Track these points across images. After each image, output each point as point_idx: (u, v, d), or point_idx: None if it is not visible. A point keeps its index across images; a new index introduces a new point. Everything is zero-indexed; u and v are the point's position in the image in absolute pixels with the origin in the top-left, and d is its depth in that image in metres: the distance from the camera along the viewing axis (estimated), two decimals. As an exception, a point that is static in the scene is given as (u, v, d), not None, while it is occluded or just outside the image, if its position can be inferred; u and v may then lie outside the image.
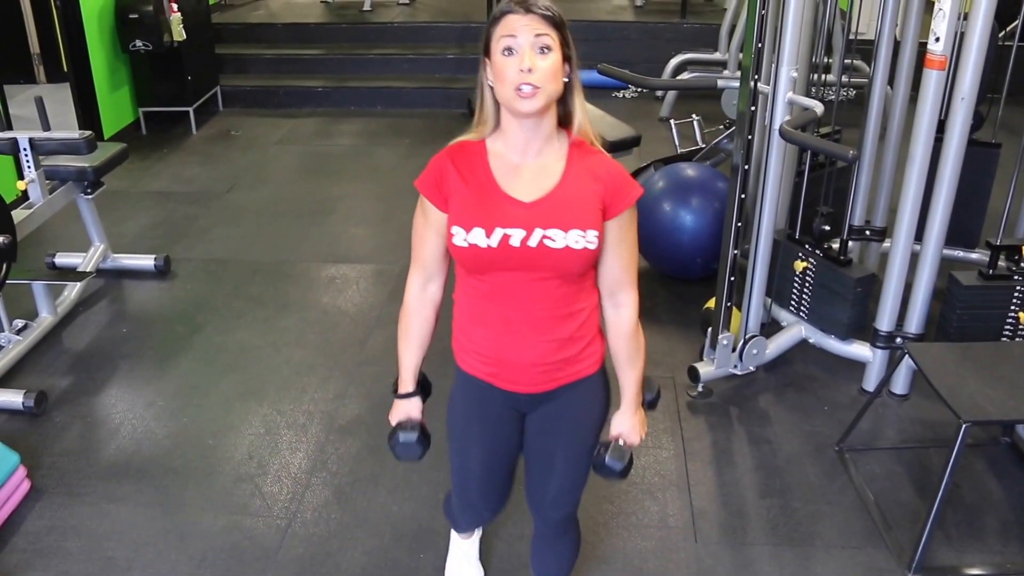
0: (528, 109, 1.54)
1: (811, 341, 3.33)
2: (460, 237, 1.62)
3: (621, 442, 1.83)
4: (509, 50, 1.53)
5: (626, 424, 1.83)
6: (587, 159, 1.65)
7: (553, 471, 1.86)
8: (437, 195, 1.65)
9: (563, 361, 1.72)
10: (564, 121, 1.65)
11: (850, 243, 3.37)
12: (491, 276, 1.65)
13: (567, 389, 1.77)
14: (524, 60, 1.51)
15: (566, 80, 1.59)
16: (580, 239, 1.60)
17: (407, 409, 1.88)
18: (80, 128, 5.17)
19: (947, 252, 3.42)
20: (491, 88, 1.60)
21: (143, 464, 2.88)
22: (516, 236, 1.59)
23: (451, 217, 1.63)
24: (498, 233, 1.59)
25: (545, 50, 1.53)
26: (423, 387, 1.90)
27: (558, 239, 1.59)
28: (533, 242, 1.60)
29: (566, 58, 1.57)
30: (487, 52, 1.58)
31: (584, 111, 1.65)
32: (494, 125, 1.64)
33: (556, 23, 1.55)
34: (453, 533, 2.42)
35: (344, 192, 5.05)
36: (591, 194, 1.62)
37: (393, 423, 1.89)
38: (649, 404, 1.91)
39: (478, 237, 1.60)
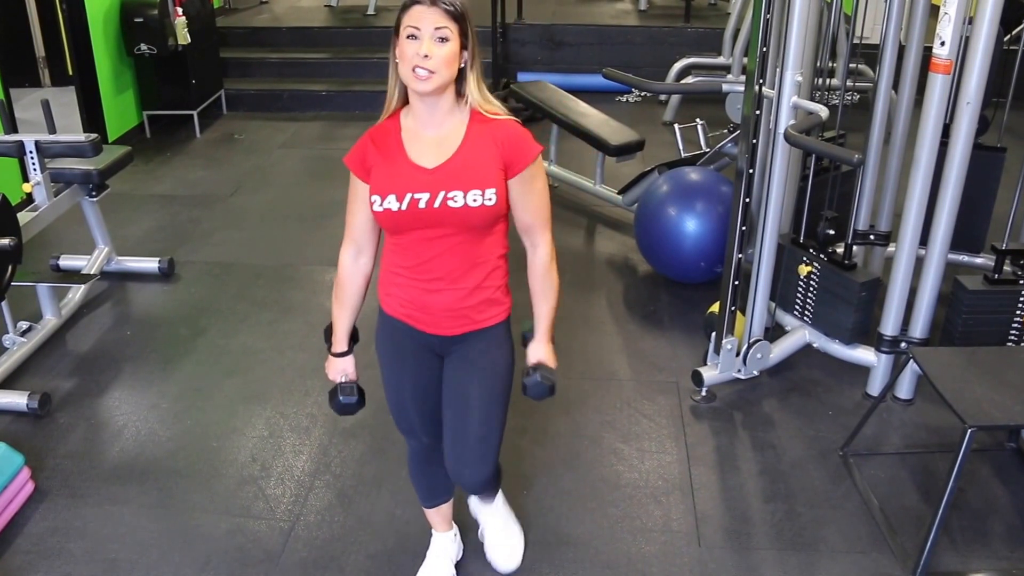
0: (422, 89, 1.77)
1: (815, 345, 3.32)
2: (377, 203, 1.85)
3: (544, 366, 2.05)
4: (412, 36, 1.75)
5: (542, 351, 2.06)
6: (487, 125, 1.86)
7: (470, 411, 2.02)
8: (361, 169, 1.89)
9: (470, 308, 1.95)
10: (462, 97, 1.87)
11: (854, 247, 3.36)
12: (406, 234, 1.89)
13: (476, 336, 1.99)
14: (423, 46, 1.74)
15: (462, 65, 1.81)
16: (478, 198, 1.82)
17: (343, 366, 2.12)
18: (85, 131, 5.18)
19: (952, 256, 3.42)
20: (396, 65, 1.82)
21: (147, 466, 2.88)
22: (423, 199, 1.83)
23: (371, 187, 1.87)
24: (407, 198, 1.83)
25: (443, 40, 1.75)
26: (353, 339, 2.13)
27: (458, 199, 1.82)
28: (437, 203, 1.82)
29: (463, 46, 1.79)
30: (397, 34, 1.80)
31: (479, 90, 1.86)
32: (401, 100, 1.88)
33: (456, 17, 1.77)
34: (432, 536, 2.44)
35: (347, 195, 5.04)
36: (490, 156, 1.84)
37: (331, 377, 2.13)
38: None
39: (391, 202, 1.83)
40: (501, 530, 2.43)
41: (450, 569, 2.42)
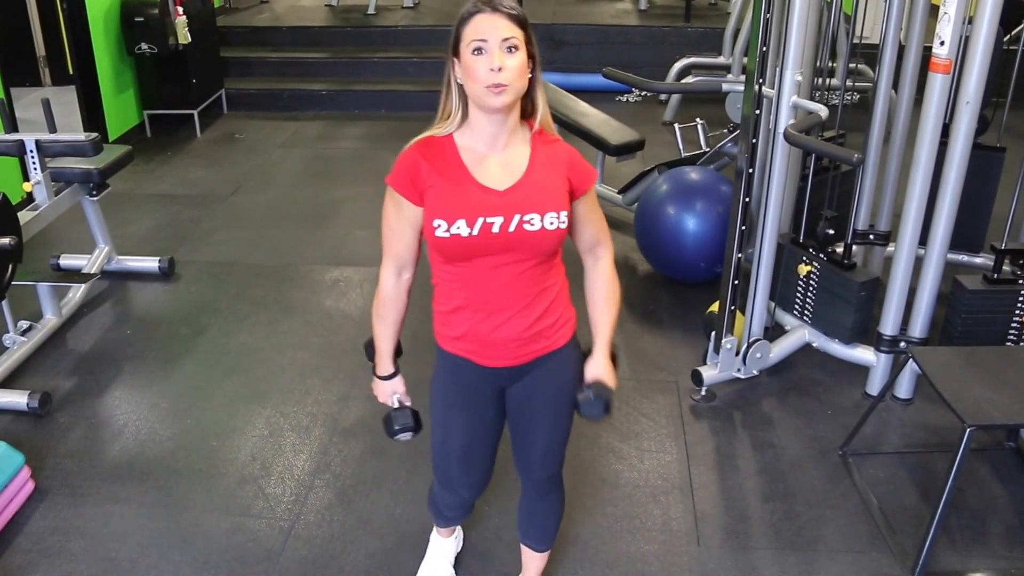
0: (499, 104, 1.65)
1: (815, 345, 3.32)
2: (443, 229, 1.71)
3: (601, 384, 1.91)
4: (479, 50, 1.63)
5: (602, 368, 1.92)
6: (549, 147, 1.78)
7: (537, 438, 1.98)
8: (412, 191, 1.74)
9: (537, 335, 1.84)
10: (527, 113, 1.77)
11: (854, 247, 3.36)
12: (471, 262, 1.76)
13: (542, 361, 1.88)
14: (494, 59, 1.62)
15: (530, 75, 1.70)
16: (555, 220, 1.73)
17: (391, 388, 1.99)
18: (85, 130, 5.18)
19: (951, 256, 3.42)
20: (459, 85, 1.70)
21: (147, 465, 2.89)
22: (496, 223, 1.71)
23: (430, 210, 1.73)
24: (479, 222, 1.70)
25: (513, 49, 1.63)
26: (397, 353, 2.00)
27: (535, 222, 1.72)
28: (512, 227, 1.71)
29: (530, 55, 1.68)
30: (456, 51, 1.68)
31: (545, 104, 1.77)
32: (461, 119, 1.74)
33: (521, 22, 1.65)
34: (432, 535, 2.45)
35: (348, 195, 5.06)
36: (559, 179, 1.76)
37: (380, 400, 2.01)
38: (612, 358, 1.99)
39: (461, 227, 1.70)
40: None
41: (449, 568, 2.42)
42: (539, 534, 2.22)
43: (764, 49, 2.83)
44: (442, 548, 2.44)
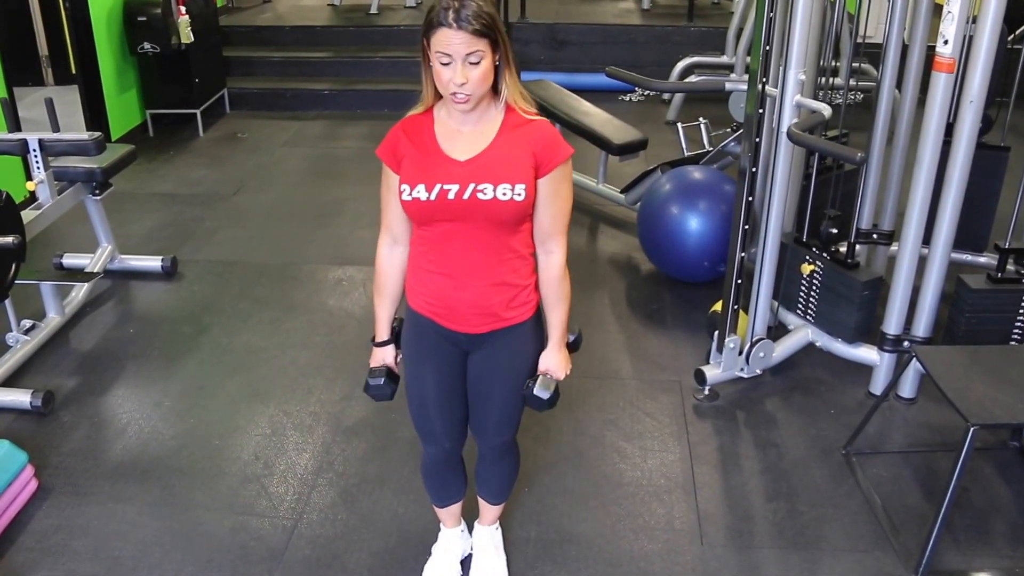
0: (462, 110, 1.82)
1: (818, 344, 3.32)
2: (407, 193, 1.86)
3: (549, 376, 2.06)
4: (444, 61, 1.74)
5: (553, 360, 2.06)
6: (521, 124, 1.87)
7: (492, 405, 2.10)
8: (392, 160, 1.91)
9: (496, 304, 1.95)
10: (497, 94, 1.87)
11: (857, 246, 3.36)
12: (434, 226, 1.90)
13: (502, 333, 2.00)
14: (458, 75, 1.74)
15: (496, 64, 1.80)
16: (508, 191, 1.83)
17: (382, 355, 2.15)
18: (88, 130, 5.18)
19: (955, 255, 3.41)
20: (430, 68, 1.81)
21: (150, 464, 2.89)
22: (452, 190, 1.84)
23: (402, 177, 1.88)
24: (437, 188, 1.84)
25: (476, 63, 1.74)
26: (398, 332, 2.14)
27: (488, 192, 1.83)
28: (466, 195, 1.83)
29: (495, 51, 1.77)
30: (427, 42, 1.77)
31: (514, 87, 1.85)
32: (435, 96, 1.87)
33: (485, 32, 1.73)
34: (440, 534, 2.45)
35: (350, 194, 5.06)
36: (523, 153, 1.85)
37: (371, 365, 2.16)
38: (571, 346, 2.12)
39: (420, 192, 1.85)
40: (488, 557, 2.42)
41: (455, 566, 2.42)
42: (495, 492, 2.35)
43: (767, 48, 2.82)
44: (448, 542, 2.44)
